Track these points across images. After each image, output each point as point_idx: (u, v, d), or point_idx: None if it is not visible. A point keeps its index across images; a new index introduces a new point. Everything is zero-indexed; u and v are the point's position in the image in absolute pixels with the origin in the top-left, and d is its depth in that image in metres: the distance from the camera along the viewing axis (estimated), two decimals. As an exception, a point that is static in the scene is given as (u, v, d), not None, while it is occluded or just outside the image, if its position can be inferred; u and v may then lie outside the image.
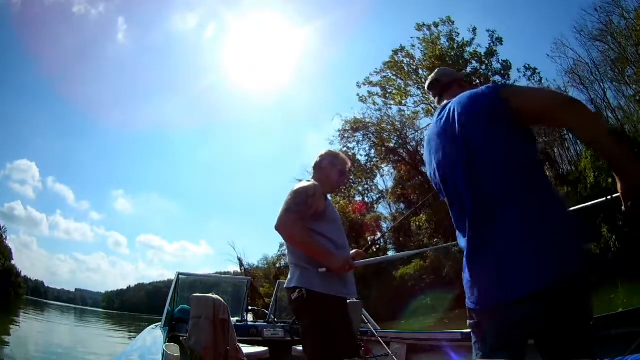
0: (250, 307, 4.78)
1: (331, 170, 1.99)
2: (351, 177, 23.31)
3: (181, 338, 3.08)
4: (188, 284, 4.48)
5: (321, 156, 2.04)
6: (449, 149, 1.25)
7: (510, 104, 1.12)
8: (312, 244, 1.71)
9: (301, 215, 1.70)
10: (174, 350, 2.41)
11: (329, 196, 1.97)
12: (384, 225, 23.34)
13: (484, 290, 1.14)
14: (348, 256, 1.81)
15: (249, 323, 4.28)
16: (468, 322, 1.27)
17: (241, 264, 29.39)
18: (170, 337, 3.16)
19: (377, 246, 20.09)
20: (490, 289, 1.11)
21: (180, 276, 4.14)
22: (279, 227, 1.70)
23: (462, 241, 1.23)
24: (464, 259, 1.21)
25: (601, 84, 16.01)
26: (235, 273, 30.53)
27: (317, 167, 2.02)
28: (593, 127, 1.08)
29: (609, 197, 1.13)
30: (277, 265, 28.70)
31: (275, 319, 4.59)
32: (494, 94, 1.16)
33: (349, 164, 2.09)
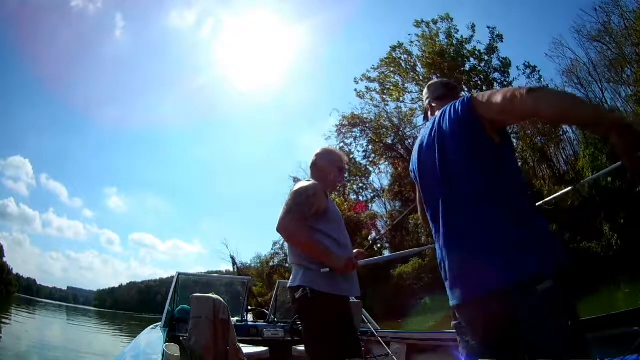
0: (250, 307, 4.77)
1: (329, 168, 1.98)
2: (346, 175, 23.33)
3: (181, 338, 3.05)
4: (187, 284, 4.46)
5: (317, 155, 2.02)
6: (430, 152, 1.34)
7: (477, 111, 1.18)
8: (315, 244, 1.70)
9: (302, 216, 1.70)
10: (174, 350, 2.39)
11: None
12: (380, 224, 23.37)
13: (458, 286, 1.17)
14: (351, 255, 1.80)
15: (249, 323, 4.27)
16: (452, 322, 1.30)
17: (234, 263, 29.34)
18: (170, 337, 3.13)
19: (378, 245, 20.11)
20: (465, 283, 1.15)
21: (180, 276, 4.12)
22: (281, 229, 1.69)
23: (437, 240, 1.29)
24: (439, 257, 1.26)
25: (599, 84, 16.15)
26: (228, 272, 30.51)
27: (314, 166, 2.00)
28: (560, 109, 1.02)
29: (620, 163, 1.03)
30: (271, 264, 28.62)
31: (276, 319, 4.58)
32: (468, 103, 1.23)
33: (346, 159, 2.09)
